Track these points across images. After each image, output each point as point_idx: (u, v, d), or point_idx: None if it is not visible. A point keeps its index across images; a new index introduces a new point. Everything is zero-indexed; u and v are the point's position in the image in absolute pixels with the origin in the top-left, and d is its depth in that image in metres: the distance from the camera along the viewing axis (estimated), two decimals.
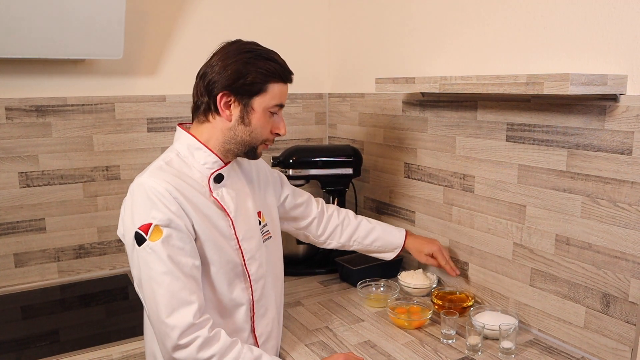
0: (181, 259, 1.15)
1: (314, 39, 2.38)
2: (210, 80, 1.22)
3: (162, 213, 1.14)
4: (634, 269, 1.27)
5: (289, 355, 1.41)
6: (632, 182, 1.25)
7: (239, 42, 1.26)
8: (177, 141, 1.29)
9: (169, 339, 1.12)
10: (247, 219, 1.31)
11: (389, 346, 1.45)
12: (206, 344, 1.13)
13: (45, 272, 1.94)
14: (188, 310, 1.13)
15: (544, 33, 1.43)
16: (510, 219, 1.56)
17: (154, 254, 1.13)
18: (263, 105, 1.24)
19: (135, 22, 1.97)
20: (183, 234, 1.16)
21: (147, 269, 1.14)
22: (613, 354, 1.33)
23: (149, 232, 1.13)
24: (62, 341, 1.56)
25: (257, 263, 1.31)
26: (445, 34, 1.75)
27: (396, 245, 1.70)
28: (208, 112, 1.25)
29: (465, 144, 1.69)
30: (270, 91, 1.24)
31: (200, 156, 1.26)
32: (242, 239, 1.28)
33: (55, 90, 1.88)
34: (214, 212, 1.24)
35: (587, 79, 1.18)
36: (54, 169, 1.90)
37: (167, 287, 1.12)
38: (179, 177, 1.20)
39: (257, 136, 1.27)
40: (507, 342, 1.38)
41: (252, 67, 1.20)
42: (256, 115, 1.24)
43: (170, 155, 1.26)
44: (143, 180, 1.17)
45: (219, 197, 1.25)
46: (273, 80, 1.23)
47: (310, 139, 2.43)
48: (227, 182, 1.29)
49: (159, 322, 1.13)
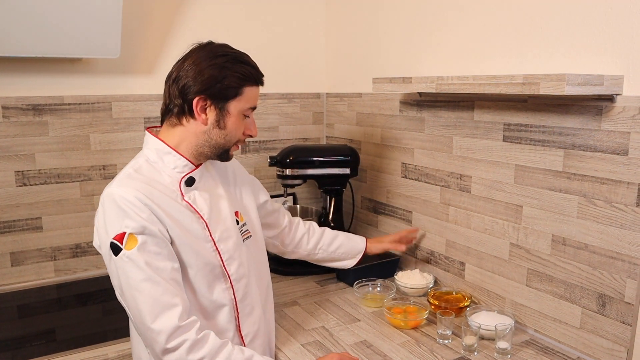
0: (159, 263, 1.14)
1: (312, 38, 2.37)
2: (185, 85, 1.20)
3: (134, 221, 1.13)
4: (630, 269, 1.27)
5: (284, 354, 1.41)
6: (628, 182, 1.25)
7: (211, 44, 1.25)
8: (146, 146, 1.28)
9: (157, 344, 1.12)
10: (222, 220, 1.30)
11: (385, 346, 1.45)
12: (195, 346, 1.13)
13: (42, 271, 1.94)
14: (172, 314, 1.12)
15: (540, 33, 1.43)
16: (506, 219, 1.56)
17: (131, 262, 1.12)
18: (238, 109, 1.24)
19: (133, 21, 1.96)
20: (158, 239, 1.15)
21: (126, 277, 1.13)
22: (609, 354, 1.33)
23: (124, 241, 1.13)
24: (59, 340, 1.56)
25: (236, 263, 1.30)
26: (443, 34, 1.75)
27: (358, 250, 1.75)
28: (182, 116, 1.24)
29: (462, 144, 1.69)
30: (246, 94, 1.24)
31: (169, 161, 1.25)
32: (219, 239, 1.27)
33: (52, 89, 1.88)
34: (187, 216, 1.23)
35: (584, 80, 1.18)
36: (51, 168, 1.89)
37: (148, 293, 1.12)
38: (148, 184, 1.19)
39: (231, 139, 1.28)
40: (503, 343, 1.38)
41: (228, 72, 1.21)
42: (232, 119, 1.25)
43: (139, 162, 1.25)
44: (112, 190, 1.15)
45: (190, 201, 1.25)
46: (248, 83, 1.24)
47: (307, 139, 2.43)
48: (199, 185, 1.28)
49: (144, 329, 1.13)
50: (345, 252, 1.73)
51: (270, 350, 1.44)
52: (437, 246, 1.83)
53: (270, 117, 2.31)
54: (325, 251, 1.70)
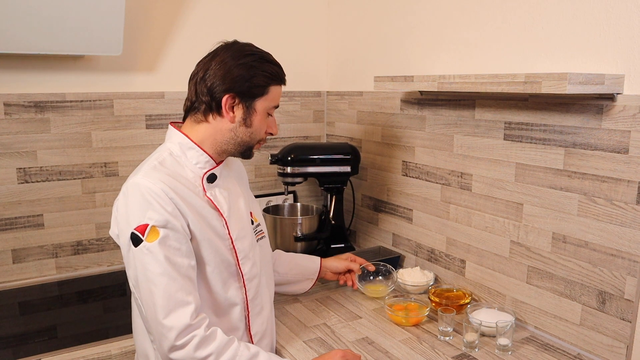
0: (178, 259, 1.15)
1: (313, 36, 2.38)
2: (214, 83, 1.22)
3: (158, 214, 1.14)
4: (630, 266, 1.28)
5: (286, 351, 1.42)
6: (629, 180, 1.26)
7: (237, 44, 1.27)
8: (169, 140, 1.29)
9: (166, 340, 1.12)
10: (240, 219, 1.32)
11: (387, 343, 1.46)
12: (203, 343, 1.14)
13: (43, 268, 1.94)
14: (185, 311, 1.13)
15: (542, 33, 1.44)
16: (507, 217, 1.57)
17: (150, 254, 1.13)
18: (264, 107, 1.27)
19: (135, 19, 1.97)
20: (179, 235, 1.16)
21: (143, 269, 1.14)
22: (609, 350, 1.34)
23: (146, 233, 1.13)
24: (60, 337, 1.56)
25: (250, 262, 1.32)
26: (445, 33, 1.76)
27: (314, 269, 1.69)
28: (208, 113, 1.26)
29: (463, 142, 1.69)
30: (271, 93, 1.27)
31: (192, 156, 1.26)
32: (236, 238, 1.28)
33: (54, 86, 1.88)
34: (208, 212, 1.24)
35: (585, 79, 1.19)
36: (53, 165, 1.90)
37: (164, 288, 1.13)
38: (173, 177, 1.20)
39: (256, 136, 1.30)
40: (504, 339, 1.39)
41: (256, 70, 1.23)
42: (258, 117, 1.27)
43: (163, 155, 1.25)
44: (138, 180, 1.16)
45: (212, 197, 1.26)
46: (274, 82, 1.27)
47: (308, 137, 2.44)
48: (219, 182, 1.30)
49: (155, 323, 1.14)
50: (299, 273, 1.67)
51: (273, 349, 1.45)
52: (438, 244, 1.84)
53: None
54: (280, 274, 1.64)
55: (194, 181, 1.25)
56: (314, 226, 2.08)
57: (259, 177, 2.34)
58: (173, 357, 1.13)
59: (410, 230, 1.97)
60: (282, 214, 2.25)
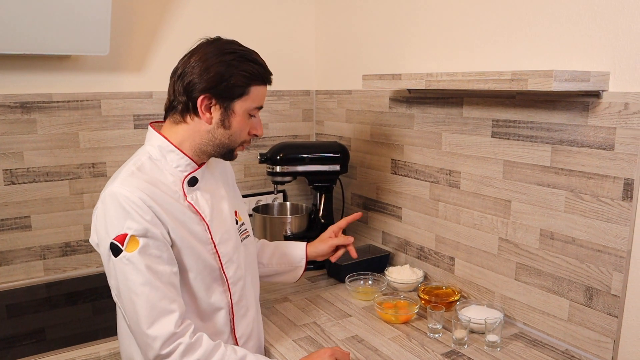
0: (159, 267, 1.13)
1: (301, 35, 2.38)
2: (191, 82, 1.17)
3: (137, 223, 1.11)
4: (616, 262, 1.29)
5: (276, 350, 1.42)
6: (614, 177, 1.27)
7: (219, 41, 1.22)
8: (149, 142, 1.25)
9: (151, 350, 1.11)
10: (223, 221, 1.29)
11: (376, 341, 1.46)
12: (189, 350, 1.12)
13: (31, 270, 1.92)
14: (169, 320, 1.11)
15: (529, 31, 1.45)
16: (495, 214, 1.58)
17: (131, 264, 1.11)
18: (244, 108, 1.22)
19: (122, 18, 1.96)
20: (160, 242, 1.14)
21: (124, 280, 1.12)
22: (596, 345, 1.35)
23: (125, 243, 1.11)
24: (49, 339, 1.55)
25: (234, 265, 1.29)
26: (432, 31, 1.76)
27: (300, 257, 1.59)
28: (186, 113, 1.21)
29: (451, 140, 1.70)
30: (252, 94, 1.22)
31: (173, 159, 1.23)
32: (219, 242, 1.26)
33: (40, 87, 1.87)
34: (189, 218, 1.21)
35: (571, 76, 1.20)
36: (40, 166, 1.88)
37: (146, 297, 1.11)
38: (151, 183, 1.17)
39: (236, 139, 1.25)
40: (493, 336, 1.40)
41: (235, 70, 1.17)
42: (237, 119, 1.22)
43: (141, 159, 1.22)
44: (115, 189, 1.13)
45: (193, 201, 1.23)
46: (255, 83, 1.21)
47: (297, 136, 2.43)
48: (201, 185, 1.26)
49: (140, 333, 1.12)
50: (287, 262, 1.59)
51: (260, 349, 1.44)
52: (427, 241, 1.85)
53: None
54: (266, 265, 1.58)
55: (174, 186, 1.21)
56: (303, 225, 2.08)
57: (248, 176, 2.34)
58: None
59: (399, 228, 1.97)
60: (271, 213, 2.25)
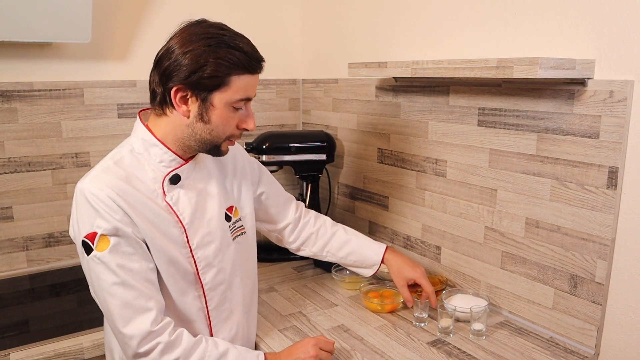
0: (133, 265, 1.09)
1: (288, 24, 2.35)
2: (166, 70, 1.09)
3: (107, 222, 1.07)
4: (600, 250, 1.30)
5: (261, 340, 1.41)
6: (599, 165, 1.27)
7: (202, 23, 1.11)
8: (134, 134, 1.18)
9: (129, 348, 1.09)
10: (206, 223, 1.21)
11: (362, 330, 1.46)
12: (168, 348, 1.10)
13: (14, 261, 1.90)
14: (145, 319, 1.08)
15: (514, 18, 1.44)
16: (481, 203, 1.58)
17: (102, 264, 1.07)
18: (225, 101, 1.11)
19: (104, 4, 1.92)
20: (131, 240, 1.09)
21: (97, 279, 1.09)
22: (580, 333, 1.36)
23: (95, 242, 1.07)
24: (33, 331, 1.53)
25: (214, 270, 1.23)
26: (419, 20, 1.75)
27: (373, 262, 1.53)
28: (164, 105, 1.13)
29: (437, 128, 1.69)
30: (233, 85, 1.10)
31: (156, 153, 1.16)
32: (197, 246, 1.19)
33: (21, 75, 1.83)
34: (164, 219, 1.14)
35: (556, 63, 1.19)
36: (21, 156, 1.85)
37: (120, 297, 1.07)
38: (125, 180, 1.11)
39: (219, 134, 1.15)
40: (478, 324, 1.40)
41: (211, 58, 1.06)
42: (216, 112, 1.11)
43: (122, 152, 1.16)
44: (84, 186, 1.08)
45: (172, 202, 1.16)
46: (236, 72, 1.09)
47: (284, 125, 2.42)
48: (185, 182, 1.20)
49: (116, 332, 1.10)
50: (357, 260, 1.53)
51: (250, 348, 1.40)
52: (413, 231, 1.84)
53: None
54: (335, 255, 1.53)
55: (153, 183, 1.15)
56: None
57: None
58: None
59: (386, 218, 1.97)
60: None
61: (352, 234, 1.56)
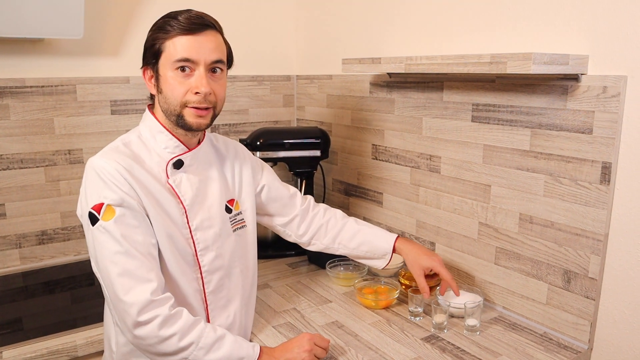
0: (137, 237, 1.13)
1: (281, 20, 2.34)
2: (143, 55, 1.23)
3: (113, 192, 1.12)
4: (594, 245, 1.30)
5: (255, 337, 1.41)
6: (592, 160, 1.27)
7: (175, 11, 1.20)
8: (143, 122, 1.27)
9: (129, 316, 1.10)
10: (207, 208, 1.27)
11: (356, 326, 1.46)
12: (167, 321, 1.11)
13: (7, 259, 1.89)
14: (145, 288, 1.10)
15: (508, 13, 1.44)
16: (475, 199, 1.58)
17: (107, 233, 1.11)
18: (166, 67, 1.17)
19: (96, 0, 1.91)
20: (137, 213, 1.14)
21: (101, 248, 1.12)
22: (573, 328, 1.37)
23: (102, 212, 1.11)
24: (26, 329, 1.52)
25: (212, 254, 1.26)
26: (413, 15, 1.74)
27: (384, 251, 1.50)
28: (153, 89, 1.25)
29: (431, 124, 1.69)
30: (168, 48, 1.16)
31: (162, 140, 1.24)
32: (196, 228, 1.24)
33: (12, 71, 1.82)
34: (166, 199, 1.20)
35: (550, 59, 1.19)
36: (13, 153, 1.84)
37: (122, 265, 1.10)
38: (133, 159, 1.18)
39: (172, 101, 1.18)
40: (472, 320, 1.41)
41: (151, 32, 1.19)
42: (163, 79, 1.18)
43: (130, 137, 1.24)
44: (94, 160, 1.15)
45: (174, 184, 1.22)
46: (170, 35, 1.15)
47: (278, 121, 2.41)
48: (189, 168, 1.26)
49: (116, 300, 1.11)
50: (369, 250, 1.51)
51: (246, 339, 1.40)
52: (408, 227, 1.84)
53: (240, 100, 2.28)
54: (346, 247, 1.52)
55: (158, 166, 1.22)
56: None
57: None
58: (137, 333, 1.10)
59: (380, 214, 1.97)
60: None
61: (363, 224, 1.55)
